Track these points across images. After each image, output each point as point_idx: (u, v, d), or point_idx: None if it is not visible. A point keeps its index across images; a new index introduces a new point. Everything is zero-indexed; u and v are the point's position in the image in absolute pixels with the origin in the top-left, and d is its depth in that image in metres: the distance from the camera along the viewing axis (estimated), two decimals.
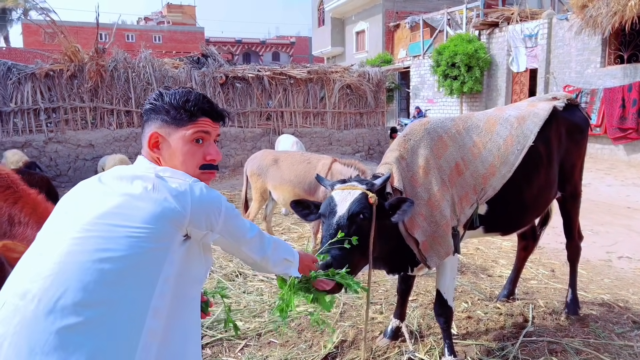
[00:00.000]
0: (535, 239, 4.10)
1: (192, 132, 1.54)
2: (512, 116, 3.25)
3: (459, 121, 3.15)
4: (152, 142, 1.56)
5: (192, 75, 11.62)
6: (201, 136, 1.56)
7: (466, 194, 2.92)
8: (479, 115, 3.31)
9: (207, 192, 1.46)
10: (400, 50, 24.43)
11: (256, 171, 5.49)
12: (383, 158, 3.00)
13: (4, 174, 2.11)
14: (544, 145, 3.24)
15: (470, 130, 3.10)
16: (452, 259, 2.96)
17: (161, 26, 40.46)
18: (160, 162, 1.56)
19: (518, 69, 16.07)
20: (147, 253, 1.33)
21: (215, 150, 1.62)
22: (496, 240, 5.84)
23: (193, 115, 1.55)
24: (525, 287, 4.34)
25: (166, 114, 1.55)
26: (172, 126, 1.55)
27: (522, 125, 3.19)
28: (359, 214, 2.38)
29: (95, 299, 1.25)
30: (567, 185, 3.56)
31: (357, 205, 2.39)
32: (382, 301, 4.08)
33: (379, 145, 13.80)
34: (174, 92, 1.58)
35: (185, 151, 1.54)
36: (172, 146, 1.54)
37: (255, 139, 12.34)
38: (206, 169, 1.59)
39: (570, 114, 3.54)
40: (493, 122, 3.18)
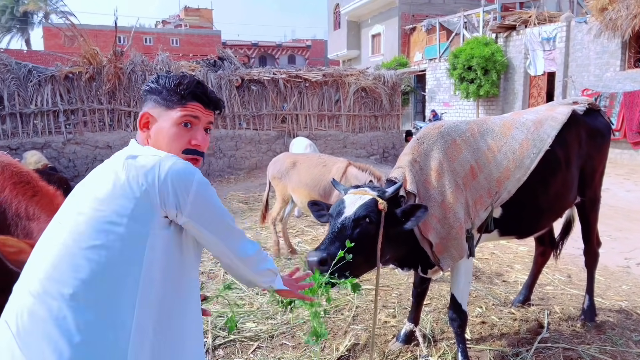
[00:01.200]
0: (553, 245, 4.06)
1: (180, 114, 1.53)
2: (529, 120, 3.22)
3: (474, 125, 3.13)
4: (142, 121, 1.57)
5: (208, 78, 11.71)
6: (190, 120, 1.55)
7: (480, 197, 2.91)
8: (495, 119, 3.28)
9: (178, 165, 1.40)
10: (416, 53, 24.34)
11: (277, 174, 5.53)
12: (397, 161, 2.99)
13: (24, 171, 2.15)
14: (561, 149, 3.20)
15: (485, 133, 3.09)
16: (466, 262, 2.94)
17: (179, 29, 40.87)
18: (148, 142, 1.56)
19: (536, 72, 15.90)
20: (125, 237, 1.33)
21: (203, 136, 1.59)
22: (512, 245, 5.78)
23: (183, 98, 1.54)
24: (541, 293, 4.28)
25: (159, 95, 1.55)
26: (163, 107, 1.55)
27: (539, 129, 3.16)
28: (365, 217, 2.41)
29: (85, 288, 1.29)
30: (586, 191, 3.51)
31: (365, 208, 2.41)
32: (395, 305, 4.07)
33: (393, 149, 13.76)
34: (169, 75, 1.58)
35: (172, 133, 1.53)
36: (160, 127, 1.54)
37: (270, 142, 12.39)
38: (190, 153, 1.56)
39: (592, 119, 3.49)
40: (509, 126, 3.16)
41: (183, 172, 1.40)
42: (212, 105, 1.61)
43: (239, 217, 7.74)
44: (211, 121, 1.63)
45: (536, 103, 16.20)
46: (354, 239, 2.32)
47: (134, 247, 1.34)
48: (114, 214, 1.33)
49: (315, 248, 2.35)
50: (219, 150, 11.84)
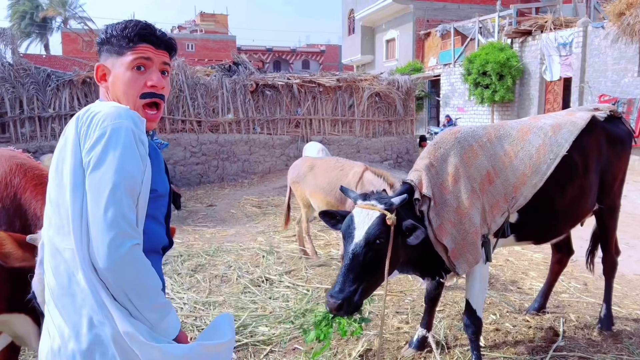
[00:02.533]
0: (570, 253, 4.01)
1: (131, 58, 1.51)
2: (547, 125, 3.19)
3: (491, 129, 3.12)
4: (99, 74, 1.56)
5: (223, 83, 11.80)
6: (142, 62, 1.52)
7: (497, 203, 2.90)
8: (513, 123, 3.26)
9: (109, 109, 1.39)
10: (431, 58, 24.28)
11: (295, 179, 5.54)
12: (414, 164, 3.00)
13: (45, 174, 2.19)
14: (580, 155, 3.17)
15: (502, 138, 3.07)
16: (482, 268, 2.92)
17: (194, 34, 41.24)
18: (108, 95, 1.55)
19: (552, 77, 15.76)
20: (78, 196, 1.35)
21: (158, 77, 1.55)
22: (526, 252, 5.72)
23: (131, 41, 1.51)
24: (556, 301, 4.23)
25: (109, 44, 1.53)
26: (114, 55, 1.53)
27: (556, 134, 3.13)
28: (376, 239, 2.41)
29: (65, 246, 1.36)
30: (605, 198, 3.46)
31: (374, 230, 2.41)
32: (408, 311, 4.05)
33: (407, 154, 13.72)
34: (116, 24, 1.56)
35: (126, 79, 1.51)
36: (115, 76, 1.52)
37: (284, 146, 12.43)
38: (147, 97, 1.53)
39: (613, 126, 3.46)
40: (526, 131, 3.14)
41: (107, 113, 1.37)
42: (163, 45, 1.57)
43: (253, 221, 7.78)
44: (166, 62, 1.58)
45: (552, 109, 16.04)
46: (368, 264, 2.38)
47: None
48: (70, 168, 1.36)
49: (332, 288, 2.38)
50: (233, 154, 11.91)
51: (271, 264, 5.31)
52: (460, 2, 25.77)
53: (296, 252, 5.73)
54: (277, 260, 5.46)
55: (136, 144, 1.37)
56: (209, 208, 8.89)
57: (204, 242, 6.36)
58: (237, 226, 7.42)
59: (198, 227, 7.31)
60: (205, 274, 5.00)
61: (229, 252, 5.83)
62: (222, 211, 8.56)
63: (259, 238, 6.55)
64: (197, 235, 6.76)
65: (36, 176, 2.11)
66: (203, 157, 11.65)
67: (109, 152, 1.32)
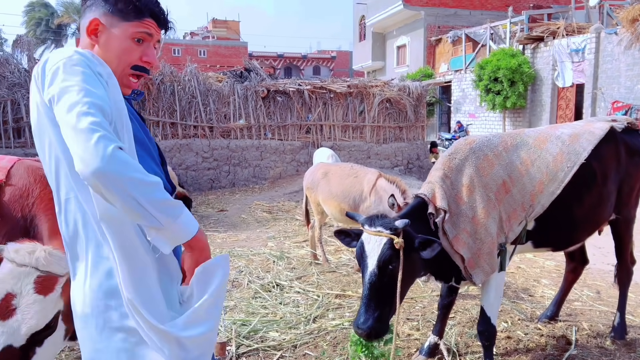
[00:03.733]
0: (585, 262, 3.98)
1: (136, 30, 1.50)
2: (565, 133, 3.18)
3: (508, 138, 3.12)
4: (91, 27, 1.49)
5: (235, 89, 11.89)
6: (143, 36, 1.52)
7: (514, 211, 2.90)
8: (530, 132, 3.26)
9: (51, 55, 1.37)
10: (442, 64, 24.25)
11: (309, 185, 5.55)
12: (428, 176, 3.01)
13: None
14: (598, 164, 3.15)
15: (519, 147, 3.07)
16: (497, 276, 2.92)
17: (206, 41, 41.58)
18: (92, 50, 1.49)
19: (564, 84, 15.67)
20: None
21: (154, 54, 1.56)
22: (538, 259, 5.68)
23: (141, 12, 1.50)
24: (568, 309, 4.20)
25: (114, 5, 1.49)
26: (117, 18, 1.49)
27: (574, 142, 3.12)
28: (388, 265, 2.46)
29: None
30: (622, 208, 3.43)
31: (384, 258, 2.46)
32: (419, 317, 4.04)
33: (418, 160, 13.70)
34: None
35: (124, 47, 1.49)
36: (112, 37, 1.49)
37: (295, 152, 12.47)
38: (138, 70, 1.54)
39: (631, 137, 3.43)
40: (543, 139, 3.13)
41: (54, 54, 1.35)
42: (164, 25, 1.59)
43: (263, 226, 7.81)
44: (159, 40, 1.60)
45: (564, 115, 15.95)
46: (385, 289, 2.45)
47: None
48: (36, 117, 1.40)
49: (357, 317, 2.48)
50: (244, 159, 11.98)
51: (282, 269, 5.33)
52: (472, 8, 25.75)
53: (307, 258, 5.74)
54: (288, 266, 5.48)
55: (93, 73, 1.33)
56: (220, 213, 8.94)
57: (215, 247, 6.39)
58: (247, 231, 7.46)
59: (209, 232, 7.35)
60: None
61: (239, 257, 5.86)
62: (233, 216, 8.60)
63: (269, 243, 6.58)
64: (208, 240, 6.78)
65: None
66: (215, 163, 11.73)
67: (68, 79, 1.28)
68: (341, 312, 4.15)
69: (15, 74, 10.40)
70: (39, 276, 1.61)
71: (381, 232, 2.49)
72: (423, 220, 2.77)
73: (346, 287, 4.75)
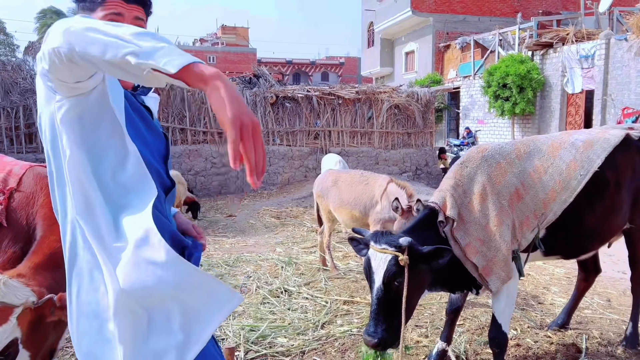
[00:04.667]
0: (597, 271, 3.95)
1: (102, 14, 1.49)
2: (580, 140, 3.16)
3: (521, 145, 3.12)
4: None
5: (244, 95, 11.96)
6: (112, 18, 1.47)
7: (527, 219, 2.90)
8: (543, 138, 3.24)
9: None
10: (450, 70, 24.23)
11: (320, 193, 5.56)
12: (440, 184, 3.02)
13: None
14: (612, 172, 3.12)
15: (531, 154, 3.07)
16: (510, 283, 2.91)
17: (215, 47, 41.89)
18: None
19: (573, 90, 15.60)
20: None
21: None
22: (548, 267, 5.65)
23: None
24: (578, 317, 4.17)
25: (83, 2, 1.52)
26: (87, 12, 1.51)
27: (588, 150, 3.10)
28: (393, 281, 2.50)
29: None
30: (637, 218, 3.38)
31: (389, 274, 2.50)
32: (427, 324, 4.03)
33: (426, 166, 13.68)
34: None
35: None
36: None
37: (303, 157, 12.51)
38: None
39: None
40: (557, 146, 3.12)
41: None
42: (134, 0, 1.53)
43: (272, 231, 7.83)
44: (138, 16, 1.55)
45: (574, 121, 15.86)
46: (392, 303, 2.50)
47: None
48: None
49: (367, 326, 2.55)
50: None
51: (290, 275, 5.34)
52: (480, 14, 25.74)
53: (315, 264, 5.75)
54: (296, 272, 5.49)
55: None
56: (228, 218, 8.97)
57: (223, 253, 6.42)
58: (256, 237, 7.48)
59: (218, 237, 7.39)
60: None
61: (248, 262, 5.88)
62: (241, 221, 8.63)
63: (277, 249, 6.59)
64: (217, 246, 6.83)
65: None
66: (223, 168, 11.79)
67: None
68: (349, 319, 4.15)
69: (28, 80, 10.54)
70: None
71: (386, 249, 2.53)
72: (434, 229, 2.79)
73: (354, 294, 4.75)
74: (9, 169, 2.24)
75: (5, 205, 2.10)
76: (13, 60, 11.54)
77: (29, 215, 2.10)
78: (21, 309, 1.65)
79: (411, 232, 2.77)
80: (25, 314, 1.66)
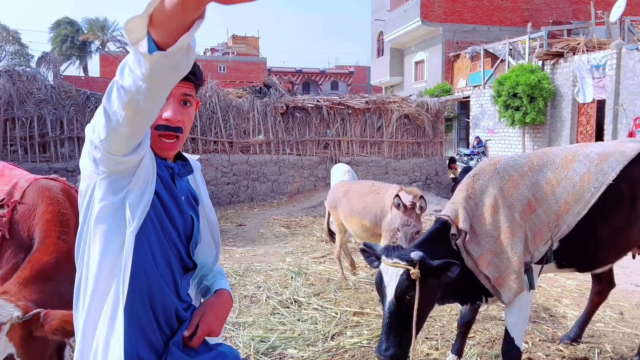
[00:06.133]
0: (611, 285, 3.92)
1: None
2: (594, 153, 3.15)
3: (534, 157, 3.12)
4: None
5: (254, 105, 12.05)
6: None
7: (540, 231, 2.90)
8: (558, 150, 3.24)
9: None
10: (460, 79, 24.21)
11: (332, 204, 5.61)
12: (452, 197, 3.03)
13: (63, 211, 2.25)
14: (627, 185, 3.10)
15: (545, 166, 3.07)
16: (523, 295, 2.90)
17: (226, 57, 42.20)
18: None
19: (584, 99, 15.52)
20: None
21: (175, 110, 1.47)
22: (559, 279, 5.61)
23: None
24: (591, 330, 4.13)
25: None
26: None
27: (603, 162, 3.09)
28: (405, 295, 2.52)
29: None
30: None
31: (401, 288, 2.52)
32: (438, 337, 4.01)
33: (436, 175, 13.65)
34: None
35: None
36: None
37: (313, 167, 12.54)
38: (161, 129, 1.47)
39: None
40: (571, 159, 3.11)
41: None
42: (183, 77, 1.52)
43: (281, 241, 7.85)
44: (186, 93, 1.51)
45: (585, 131, 15.77)
46: (404, 317, 2.51)
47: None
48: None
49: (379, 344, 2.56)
50: (263, 174, 12.08)
51: (300, 285, 5.35)
52: (490, 24, 25.74)
53: (324, 274, 5.76)
54: (306, 282, 5.49)
55: None
56: (238, 227, 9.01)
57: (233, 262, 6.44)
58: (266, 246, 7.50)
59: (228, 246, 7.42)
60: (234, 294, 5.06)
61: (258, 272, 5.90)
62: (251, 231, 8.66)
63: (287, 259, 6.60)
64: (227, 255, 6.86)
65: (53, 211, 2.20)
66: (234, 177, 11.85)
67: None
68: (359, 330, 4.15)
69: (42, 90, 10.70)
70: None
71: (398, 263, 2.55)
72: (446, 242, 2.80)
73: (364, 305, 4.75)
74: (15, 182, 2.30)
75: (9, 218, 2.16)
76: (28, 70, 11.71)
77: (30, 226, 2.16)
78: (8, 326, 1.66)
79: (423, 245, 2.78)
80: (15, 329, 1.67)
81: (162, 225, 1.46)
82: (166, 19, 0.96)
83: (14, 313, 1.69)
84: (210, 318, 1.56)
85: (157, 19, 0.97)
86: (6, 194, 2.23)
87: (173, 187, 1.55)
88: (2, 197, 2.23)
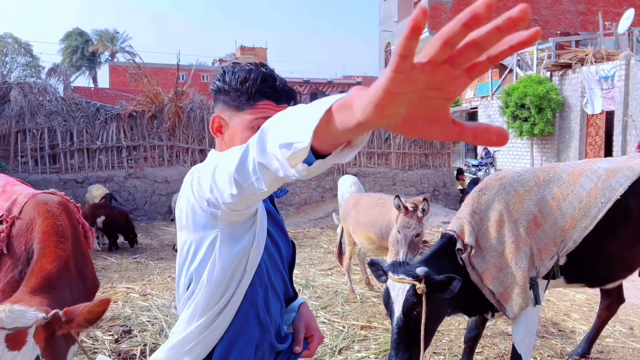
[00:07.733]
0: (621, 300, 3.89)
1: (251, 118, 1.35)
2: (602, 168, 3.15)
3: (540, 172, 3.13)
4: (214, 126, 1.42)
5: None
6: (260, 122, 1.29)
7: (546, 246, 2.90)
8: (565, 166, 3.24)
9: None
10: (468, 90, 24.21)
11: (343, 215, 5.67)
12: (458, 212, 3.04)
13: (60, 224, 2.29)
14: (635, 201, 3.08)
15: (551, 181, 3.07)
16: (529, 311, 2.89)
17: None
18: (225, 148, 1.36)
19: (593, 111, 15.47)
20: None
21: None
22: (568, 292, 5.56)
23: (251, 98, 1.36)
24: (600, 346, 4.10)
25: (227, 95, 1.39)
26: (233, 109, 1.38)
27: (610, 178, 3.08)
28: (412, 310, 2.53)
29: None
30: None
31: (408, 304, 2.53)
32: (445, 351, 4.00)
33: (444, 187, 13.63)
34: (235, 70, 1.39)
35: (244, 138, 1.29)
36: (233, 131, 1.39)
37: (320, 178, 12.55)
38: None
39: None
40: (578, 174, 3.11)
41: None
42: (285, 99, 1.40)
43: None
44: None
45: (594, 142, 15.70)
46: (412, 332, 2.52)
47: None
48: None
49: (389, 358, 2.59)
50: None
51: (307, 298, 5.34)
52: None
53: (332, 287, 5.75)
54: (313, 295, 5.49)
55: None
56: None
57: None
58: None
59: None
60: None
61: None
62: None
63: (295, 271, 6.59)
64: None
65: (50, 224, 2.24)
66: None
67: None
68: (367, 344, 4.14)
69: (53, 102, 10.84)
70: (7, 335, 1.66)
71: (404, 279, 2.57)
72: (452, 256, 2.81)
73: (372, 319, 4.74)
74: (14, 198, 2.36)
75: (7, 233, 2.22)
76: (39, 82, 11.87)
77: (27, 240, 2.22)
78: (34, 328, 1.72)
79: (430, 260, 2.79)
80: (39, 331, 1.73)
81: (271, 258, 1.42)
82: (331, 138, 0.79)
83: (39, 315, 1.74)
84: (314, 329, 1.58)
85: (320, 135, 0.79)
86: (5, 210, 2.29)
87: (275, 212, 1.50)
88: (2, 213, 2.29)
